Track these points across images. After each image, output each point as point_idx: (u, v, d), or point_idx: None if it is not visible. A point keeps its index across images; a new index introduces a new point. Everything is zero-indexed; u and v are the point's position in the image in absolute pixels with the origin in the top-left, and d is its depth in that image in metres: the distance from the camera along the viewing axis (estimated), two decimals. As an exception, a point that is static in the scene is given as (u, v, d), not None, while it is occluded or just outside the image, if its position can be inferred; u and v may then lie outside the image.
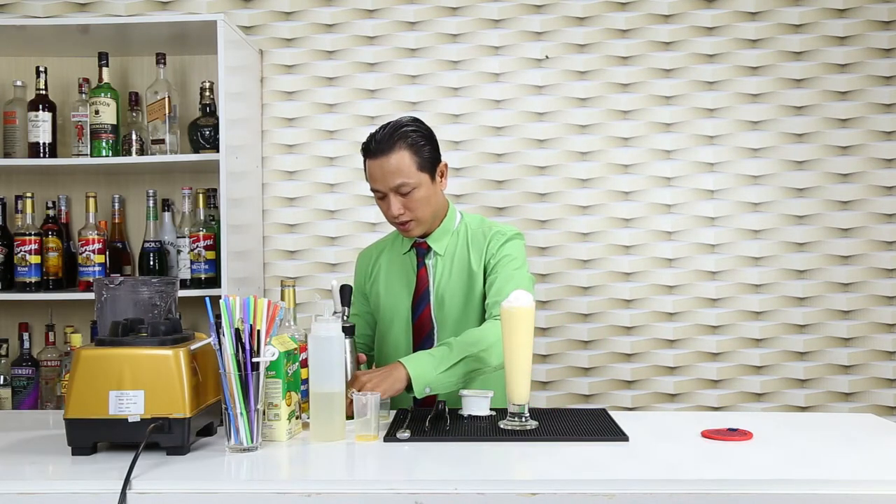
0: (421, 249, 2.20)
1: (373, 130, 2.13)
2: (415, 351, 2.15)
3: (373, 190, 2.11)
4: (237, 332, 1.61)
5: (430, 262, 2.19)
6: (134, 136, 2.80)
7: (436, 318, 2.16)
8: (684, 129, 3.00)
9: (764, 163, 2.99)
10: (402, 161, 2.05)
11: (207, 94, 2.84)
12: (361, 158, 2.13)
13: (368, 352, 2.32)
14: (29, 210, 2.77)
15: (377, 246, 2.34)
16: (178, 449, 1.58)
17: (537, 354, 2.96)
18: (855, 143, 2.98)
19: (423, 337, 2.16)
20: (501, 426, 1.78)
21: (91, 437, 1.59)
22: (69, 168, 2.89)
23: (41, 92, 2.79)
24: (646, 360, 3.01)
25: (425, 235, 2.18)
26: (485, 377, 2.08)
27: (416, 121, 2.13)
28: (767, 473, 1.49)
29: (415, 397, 1.93)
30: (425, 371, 1.92)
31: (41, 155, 2.78)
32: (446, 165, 2.17)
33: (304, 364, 1.78)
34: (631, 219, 3.00)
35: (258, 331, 1.62)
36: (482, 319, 2.13)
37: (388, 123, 2.11)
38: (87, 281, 2.74)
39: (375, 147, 2.06)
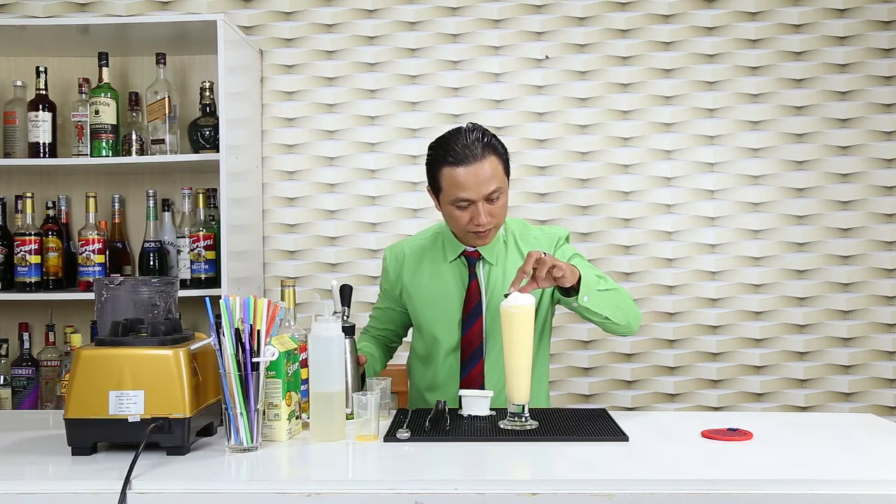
0: (472, 258, 2.11)
1: (432, 140, 2.05)
2: (462, 369, 2.09)
3: (457, 200, 1.99)
4: (237, 332, 1.61)
5: (481, 272, 2.11)
6: (134, 136, 2.80)
7: (487, 331, 2.09)
8: (684, 129, 3.00)
9: (764, 163, 2.99)
10: (495, 166, 1.98)
11: (207, 94, 2.84)
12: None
13: (389, 344, 2.29)
14: (29, 210, 2.77)
15: (412, 248, 2.21)
16: (178, 449, 1.58)
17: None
18: (855, 143, 2.98)
19: (470, 352, 2.09)
20: (501, 426, 1.78)
21: (91, 437, 1.58)
22: (69, 168, 2.89)
23: (41, 92, 2.79)
24: (646, 360, 3.01)
25: (478, 245, 2.10)
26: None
27: (484, 127, 2.04)
28: (767, 473, 1.49)
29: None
30: (591, 281, 1.90)
31: (41, 155, 2.78)
32: None
33: (304, 364, 1.78)
34: (631, 219, 3.00)
35: (258, 331, 1.62)
36: (537, 331, 2.07)
37: (460, 130, 2.01)
38: (87, 281, 2.74)
39: (466, 153, 1.95)
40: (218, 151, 2.67)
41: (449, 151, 1.98)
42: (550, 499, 1.39)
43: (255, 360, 1.61)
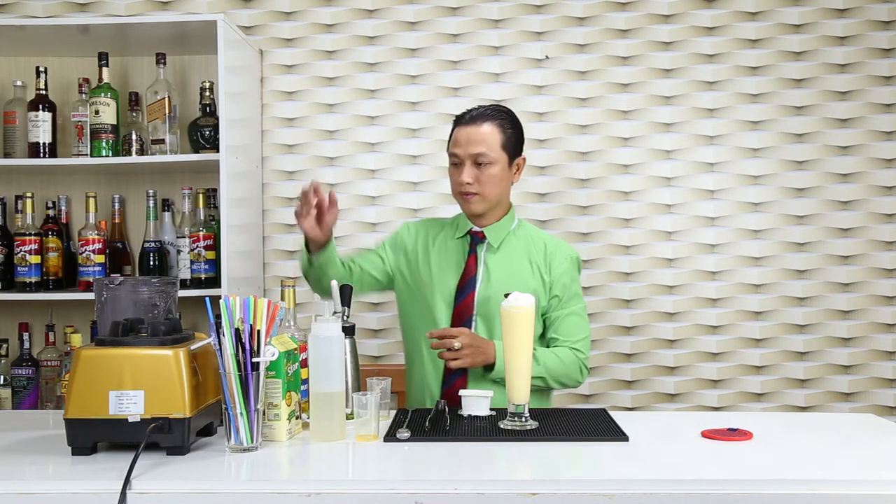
0: (476, 237, 2.24)
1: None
2: None
3: (451, 155, 2.20)
4: (237, 332, 1.61)
5: (481, 251, 2.23)
6: (134, 136, 2.80)
7: (478, 305, 2.18)
8: (684, 129, 3.00)
9: (764, 163, 2.99)
10: (489, 134, 2.17)
11: (207, 94, 2.84)
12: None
13: (349, 267, 2.28)
14: (29, 210, 2.77)
15: (428, 225, 2.35)
16: (178, 449, 1.58)
17: (537, 354, 2.96)
18: (855, 143, 2.98)
19: (462, 322, 2.18)
20: (501, 426, 1.78)
21: (91, 437, 1.59)
22: (69, 168, 2.89)
23: (41, 92, 2.79)
24: (646, 360, 3.01)
25: (482, 225, 2.23)
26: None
27: (511, 111, 2.25)
28: (767, 473, 1.49)
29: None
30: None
31: (41, 155, 2.78)
32: (524, 161, 2.26)
33: (304, 364, 1.78)
34: (631, 219, 3.00)
35: (258, 331, 1.62)
36: (538, 332, 2.21)
37: (486, 105, 2.25)
38: (87, 281, 2.74)
39: (470, 117, 2.19)
40: (218, 151, 2.67)
41: (463, 115, 2.22)
42: (550, 499, 1.39)
43: (255, 360, 1.61)
